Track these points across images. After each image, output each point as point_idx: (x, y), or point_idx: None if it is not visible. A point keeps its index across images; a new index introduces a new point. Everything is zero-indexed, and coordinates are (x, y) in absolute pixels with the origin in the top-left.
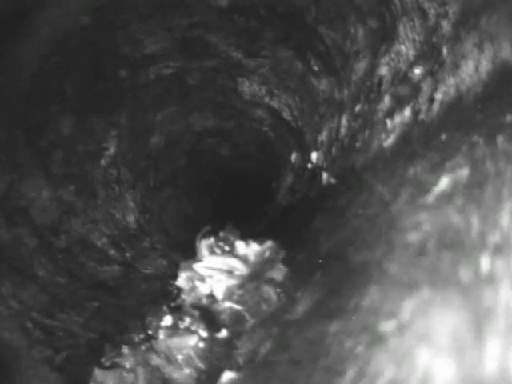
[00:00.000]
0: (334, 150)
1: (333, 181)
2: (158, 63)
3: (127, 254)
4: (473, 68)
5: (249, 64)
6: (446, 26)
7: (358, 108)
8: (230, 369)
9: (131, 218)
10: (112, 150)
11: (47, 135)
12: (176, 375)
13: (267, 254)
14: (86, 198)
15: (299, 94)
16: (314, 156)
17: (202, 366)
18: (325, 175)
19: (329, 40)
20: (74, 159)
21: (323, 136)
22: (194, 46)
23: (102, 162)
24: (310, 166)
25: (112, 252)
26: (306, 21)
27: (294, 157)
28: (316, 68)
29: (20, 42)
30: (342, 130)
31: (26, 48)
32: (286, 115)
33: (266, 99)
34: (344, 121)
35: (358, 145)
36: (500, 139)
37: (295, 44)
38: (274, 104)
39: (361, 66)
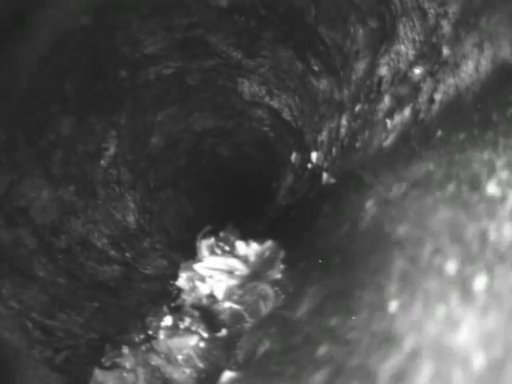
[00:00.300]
0: (333, 150)
1: (333, 180)
2: (158, 63)
3: (127, 255)
4: (473, 68)
5: (249, 64)
6: (445, 26)
7: (357, 108)
8: (230, 368)
9: (131, 219)
10: (112, 151)
11: (47, 135)
12: (176, 375)
13: (267, 253)
14: (86, 198)
15: (299, 93)
16: (314, 156)
17: (202, 365)
18: (325, 175)
19: (329, 40)
20: (74, 159)
21: (323, 136)
22: (194, 46)
23: (102, 162)
24: (310, 166)
25: (112, 252)
26: (305, 21)
27: (294, 157)
28: (316, 68)
29: (19, 43)
30: (342, 130)
31: (25, 48)
32: (286, 115)
33: (266, 99)
34: (344, 121)
35: (357, 145)
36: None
37: (295, 44)
38: (274, 104)
39: (361, 66)
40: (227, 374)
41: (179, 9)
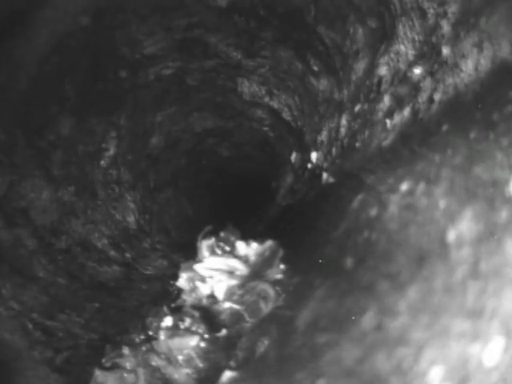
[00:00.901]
0: (333, 149)
1: (333, 180)
2: (158, 64)
3: (127, 255)
4: (472, 67)
5: (248, 64)
6: (445, 25)
7: (357, 108)
8: (230, 368)
9: (131, 219)
10: (112, 151)
11: (47, 136)
12: (176, 376)
13: (267, 253)
14: (86, 198)
15: (299, 93)
16: (313, 156)
17: (202, 366)
18: (325, 175)
19: (328, 40)
20: (74, 160)
21: (323, 136)
22: (194, 47)
23: (102, 162)
24: (310, 166)
25: (112, 253)
26: (305, 21)
27: (294, 157)
28: (315, 68)
29: (19, 43)
30: (342, 130)
31: (25, 49)
32: (286, 115)
33: (266, 99)
34: (344, 121)
35: (357, 145)
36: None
37: (295, 44)
38: (274, 104)
39: (360, 66)
40: (227, 374)
41: (179, 9)
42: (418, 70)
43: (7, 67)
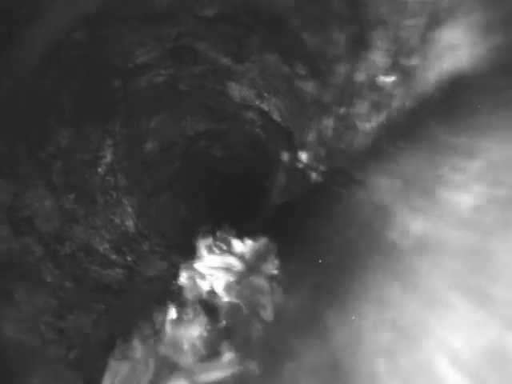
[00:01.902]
0: (322, 150)
1: (322, 179)
2: (150, 72)
3: (128, 258)
4: (436, 77)
5: (238, 69)
6: (415, 37)
7: (342, 111)
8: (230, 351)
9: (130, 223)
10: (108, 158)
11: (47, 147)
12: (183, 363)
13: (262, 249)
14: (86, 205)
15: (288, 96)
16: (303, 156)
17: (205, 352)
18: (314, 174)
19: (312, 45)
20: (73, 169)
21: (311, 137)
22: (184, 54)
23: (100, 169)
24: (300, 165)
25: (114, 256)
26: (290, 27)
27: (285, 157)
28: (302, 71)
29: (17, 58)
30: (329, 132)
31: (23, 63)
32: (276, 117)
33: (257, 102)
34: (330, 122)
35: (343, 145)
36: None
37: (281, 49)
38: (264, 106)
39: (342, 71)
40: (227, 356)
41: (167, 19)
42: (390, 79)
43: (7, 82)
